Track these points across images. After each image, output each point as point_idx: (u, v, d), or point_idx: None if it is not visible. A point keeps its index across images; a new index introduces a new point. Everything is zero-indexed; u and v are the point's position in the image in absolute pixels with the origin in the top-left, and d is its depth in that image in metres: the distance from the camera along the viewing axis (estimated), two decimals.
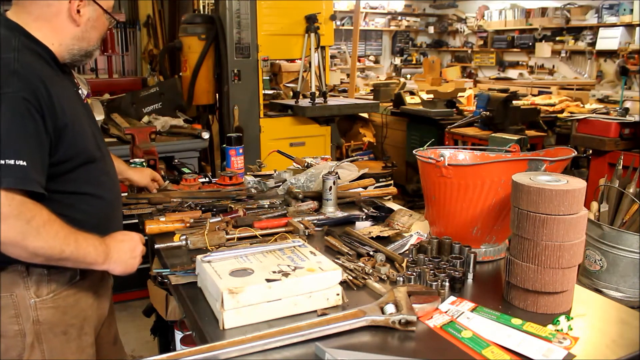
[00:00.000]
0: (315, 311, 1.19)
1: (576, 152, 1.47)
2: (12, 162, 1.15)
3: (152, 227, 1.65)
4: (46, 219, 1.21)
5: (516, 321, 1.16)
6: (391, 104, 5.81)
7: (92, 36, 1.40)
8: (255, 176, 2.33)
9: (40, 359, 1.41)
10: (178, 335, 1.94)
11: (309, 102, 4.22)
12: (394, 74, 9.95)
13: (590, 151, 4.10)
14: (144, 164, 2.24)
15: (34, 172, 1.20)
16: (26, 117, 1.20)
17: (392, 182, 2.60)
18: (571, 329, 1.14)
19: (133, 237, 1.40)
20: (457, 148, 1.67)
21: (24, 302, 1.39)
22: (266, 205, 1.92)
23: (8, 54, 1.23)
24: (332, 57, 8.64)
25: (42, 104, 1.22)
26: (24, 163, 1.17)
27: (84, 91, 1.52)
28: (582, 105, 5.58)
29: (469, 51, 9.97)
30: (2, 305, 1.38)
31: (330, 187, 1.86)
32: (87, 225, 1.36)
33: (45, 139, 1.24)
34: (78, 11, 1.33)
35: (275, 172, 2.36)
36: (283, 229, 1.67)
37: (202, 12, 4.94)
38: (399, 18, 10.58)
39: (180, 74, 4.13)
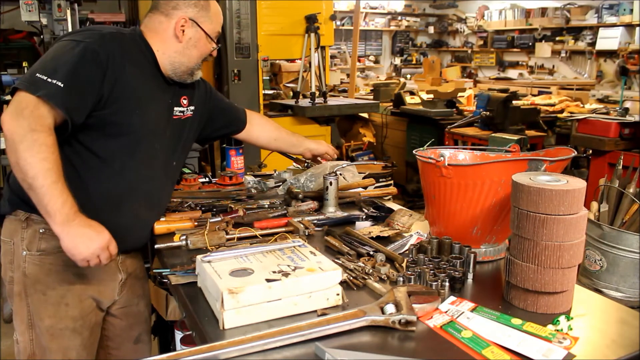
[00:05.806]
0: (315, 311, 1.19)
1: (576, 152, 1.47)
2: (47, 78, 1.30)
3: (160, 227, 1.66)
4: (45, 142, 1.28)
5: (516, 321, 1.16)
6: (391, 104, 5.80)
7: (192, 54, 1.61)
8: (255, 176, 2.33)
9: (25, 311, 1.50)
10: (178, 335, 1.94)
11: (309, 102, 4.22)
12: (394, 74, 9.95)
13: (590, 151, 4.10)
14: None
15: (66, 97, 1.32)
16: (89, 62, 1.38)
17: (392, 182, 2.59)
18: (571, 329, 1.14)
19: (102, 234, 1.33)
20: (457, 148, 1.67)
21: (18, 251, 1.48)
22: (266, 205, 1.92)
23: (111, 31, 1.50)
24: (332, 57, 8.64)
25: (109, 64, 1.41)
26: (61, 84, 1.31)
27: (187, 110, 1.72)
28: (582, 105, 5.58)
29: (469, 51, 9.98)
30: (2, 252, 1.50)
31: (330, 187, 1.86)
32: (94, 190, 1.46)
33: (96, 88, 1.40)
34: (183, 31, 1.57)
35: (275, 172, 2.36)
36: (283, 229, 1.68)
37: None
38: (399, 18, 10.58)
39: None
